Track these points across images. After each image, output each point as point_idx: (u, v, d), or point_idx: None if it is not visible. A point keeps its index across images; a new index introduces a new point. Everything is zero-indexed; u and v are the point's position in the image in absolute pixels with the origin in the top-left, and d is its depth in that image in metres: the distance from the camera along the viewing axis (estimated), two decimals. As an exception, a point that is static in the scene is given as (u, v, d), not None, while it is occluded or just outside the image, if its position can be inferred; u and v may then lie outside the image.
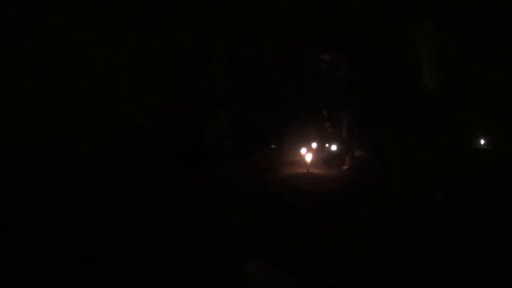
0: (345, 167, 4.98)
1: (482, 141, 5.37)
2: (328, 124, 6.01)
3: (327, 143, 6.37)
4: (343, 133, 5.15)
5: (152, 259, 2.33)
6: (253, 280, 1.91)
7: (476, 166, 4.37)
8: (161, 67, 5.63)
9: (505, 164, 4.31)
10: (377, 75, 5.08)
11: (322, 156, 5.64)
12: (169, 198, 3.66)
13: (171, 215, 3.19)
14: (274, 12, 5.95)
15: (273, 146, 6.60)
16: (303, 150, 5.30)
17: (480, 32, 4.84)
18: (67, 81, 5.00)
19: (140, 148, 5.15)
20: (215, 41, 6.07)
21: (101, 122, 5.09)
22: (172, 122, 5.67)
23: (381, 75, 5.18)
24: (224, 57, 6.22)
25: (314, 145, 6.04)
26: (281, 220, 3.07)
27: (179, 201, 3.58)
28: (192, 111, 5.93)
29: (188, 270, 2.22)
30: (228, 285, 2.04)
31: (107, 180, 4.11)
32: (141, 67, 5.44)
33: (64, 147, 4.75)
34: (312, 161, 4.95)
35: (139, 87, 5.46)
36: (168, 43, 5.69)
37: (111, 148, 4.96)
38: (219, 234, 2.74)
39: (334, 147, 6.14)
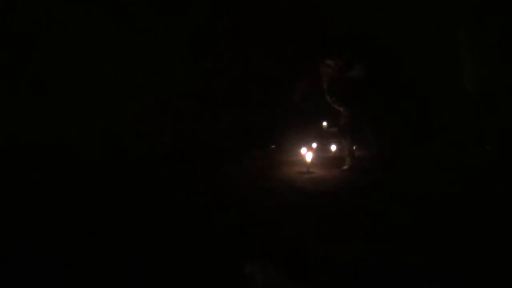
0: (345, 167, 4.97)
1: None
2: (328, 123, 5.99)
3: (327, 143, 6.39)
4: (344, 132, 5.13)
5: (152, 260, 2.32)
6: (253, 280, 1.90)
7: (480, 167, 4.34)
8: (161, 67, 5.63)
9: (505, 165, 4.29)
10: (384, 75, 5.03)
11: (322, 156, 5.64)
12: (169, 199, 3.65)
13: (171, 215, 3.19)
14: (279, 11, 5.92)
15: (273, 146, 6.60)
16: (303, 150, 5.30)
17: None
18: (66, 81, 5.00)
19: (140, 148, 5.15)
20: (216, 40, 6.06)
21: (100, 122, 5.08)
22: (172, 122, 5.66)
23: (388, 74, 5.13)
24: (225, 57, 6.21)
25: (314, 145, 6.04)
26: (281, 220, 3.06)
27: (179, 202, 3.58)
28: (192, 111, 5.92)
29: (188, 270, 2.21)
30: (228, 286, 2.04)
31: (107, 180, 4.11)
32: (140, 67, 5.43)
33: (63, 147, 4.74)
34: (312, 161, 4.94)
35: (139, 87, 5.46)
36: (168, 42, 5.68)
37: (111, 148, 4.95)
38: (219, 234, 2.73)
39: (334, 147, 6.14)
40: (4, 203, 3.39)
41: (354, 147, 5.20)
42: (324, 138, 6.51)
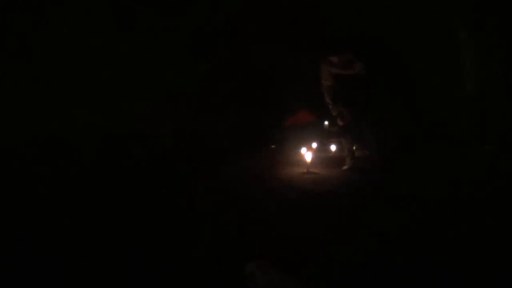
0: (345, 167, 4.96)
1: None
2: (329, 123, 5.97)
3: (327, 143, 6.39)
4: (343, 132, 5.13)
5: (152, 260, 2.32)
6: (253, 280, 1.90)
7: (480, 167, 4.33)
8: (161, 67, 5.63)
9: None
10: (385, 75, 5.02)
11: (322, 156, 5.64)
12: (169, 199, 3.65)
13: (171, 215, 3.19)
14: (280, 11, 5.92)
15: (273, 146, 6.61)
16: (303, 150, 5.30)
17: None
18: (66, 81, 4.99)
19: (140, 148, 5.15)
20: (217, 40, 6.06)
21: (100, 122, 5.08)
22: (172, 122, 5.66)
23: (389, 74, 5.12)
24: (225, 57, 6.21)
25: (314, 145, 6.04)
26: (281, 220, 3.06)
27: (179, 202, 3.58)
28: (192, 111, 5.92)
29: (188, 270, 2.21)
30: (228, 286, 2.03)
31: (107, 180, 4.11)
32: (141, 66, 5.43)
33: (64, 147, 4.74)
34: (312, 161, 4.94)
35: (139, 87, 5.46)
36: (169, 41, 5.68)
37: (111, 148, 4.95)
38: (219, 234, 2.73)
39: (334, 147, 6.14)
40: (4, 203, 3.39)
41: (354, 147, 5.20)
42: (324, 138, 6.51)
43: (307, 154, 4.95)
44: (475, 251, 2.35)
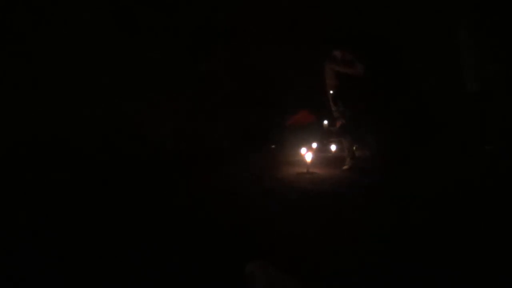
0: (345, 167, 4.96)
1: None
2: (329, 122, 5.99)
3: (327, 143, 6.39)
4: (344, 132, 5.12)
5: (152, 260, 2.32)
6: (253, 281, 1.90)
7: (480, 167, 4.33)
8: (161, 67, 5.63)
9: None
10: (386, 73, 5.02)
11: (322, 156, 5.64)
12: (169, 199, 3.65)
13: (171, 215, 3.19)
14: (280, 10, 5.92)
15: (273, 146, 6.61)
16: (303, 150, 5.30)
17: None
18: (67, 80, 5.00)
19: (140, 148, 5.15)
20: (217, 40, 6.06)
21: (100, 122, 5.08)
22: (172, 122, 5.67)
23: (390, 73, 5.12)
24: (225, 57, 6.21)
25: (314, 145, 6.04)
26: (281, 220, 3.06)
27: (179, 202, 3.58)
28: (192, 111, 5.93)
29: (188, 270, 2.21)
30: (228, 286, 2.03)
31: (107, 180, 4.11)
32: (141, 66, 5.44)
33: (65, 147, 4.74)
34: (312, 161, 4.94)
35: (139, 87, 5.46)
36: (169, 41, 5.68)
37: (112, 148, 4.95)
38: (219, 234, 2.73)
39: (334, 147, 6.14)
40: (4, 203, 3.39)
41: (354, 147, 5.20)
42: (324, 138, 6.52)
43: (307, 154, 4.95)
44: (475, 251, 2.35)
